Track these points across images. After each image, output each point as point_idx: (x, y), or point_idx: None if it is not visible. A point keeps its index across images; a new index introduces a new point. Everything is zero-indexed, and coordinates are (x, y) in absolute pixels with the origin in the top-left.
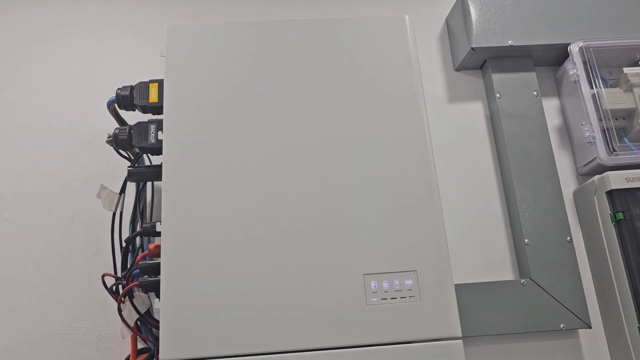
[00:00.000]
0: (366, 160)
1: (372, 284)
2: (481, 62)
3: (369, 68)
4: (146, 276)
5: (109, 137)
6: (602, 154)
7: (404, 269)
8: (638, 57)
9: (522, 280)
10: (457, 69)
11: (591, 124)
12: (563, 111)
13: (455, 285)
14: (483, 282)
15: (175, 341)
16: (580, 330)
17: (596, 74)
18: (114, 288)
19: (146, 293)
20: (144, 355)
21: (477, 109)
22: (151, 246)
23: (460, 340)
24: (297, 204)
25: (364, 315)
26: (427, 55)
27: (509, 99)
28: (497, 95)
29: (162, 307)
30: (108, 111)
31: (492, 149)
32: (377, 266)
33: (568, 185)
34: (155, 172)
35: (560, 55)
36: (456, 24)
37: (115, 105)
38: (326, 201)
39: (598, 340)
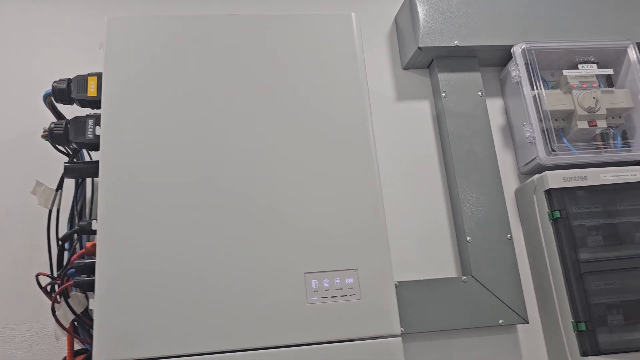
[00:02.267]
0: (308, 158)
1: (313, 282)
2: (428, 62)
3: (313, 65)
4: (83, 275)
5: (44, 131)
6: (541, 154)
7: (345, 268)
8: (577, 59)
9: (464, 277)
10: (405, 68)
11: (532, 124)
12: (507, 111)
13: (398, 282)
14: (425, 279)
15: (110, 342)
16: (518, 326)
17: (537, 75)
18: (48, 288)
19: (84, 293)
20: (81, 357)
21: (424, 108)
22: (88, 244)
23: (400, 338)
24: (237, 202)
25: (305, 314)
26: (376, 53)
27: (454, 99)
28: (443, 94)
29: (96, 307)
30: (45, 105)
31: (437, 148)
32: (318, 265)
33: (510, 184)
34: (94, 168)
35: (504, 56)
36: (404, 23)
37: (52, 98)
38: (267, 199)
39: (535, 335)
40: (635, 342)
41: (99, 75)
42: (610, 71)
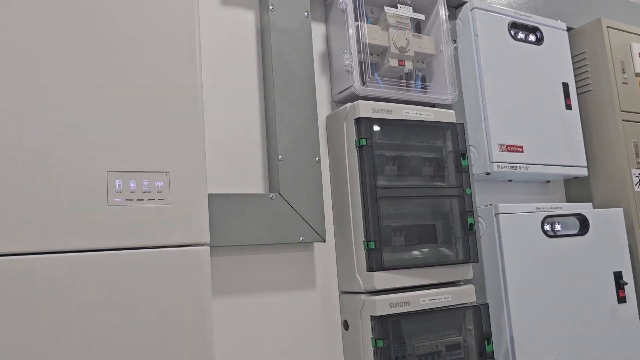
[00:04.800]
0: (125, 55)
1: (117, 182)
2: None
3: None
4: None
5: None
6: (356, 84)
7: (156, 170)
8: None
9: (271, 195)
10: None
11: (351, 54)
12: (328, 38)
13: (211, 194)
14: (233, 194)
15: None
16: (315, 244)
17: (362, 7)
18: None
19: None
20: None
21: (249, 19)
22: None
23: (208, 247)
24: (35, 90)
25: (105, 216)
26: None
27: (281, 14)
28: (271, 7)
29: None
30: None
31: (258, 62)
32: (125, 163)
33: (323, 109)
34: None
35: None
36: None
37: None
38: (77, 87)
39: (329, 253)
40: (410, 260)
41: None
42: (422, 17)
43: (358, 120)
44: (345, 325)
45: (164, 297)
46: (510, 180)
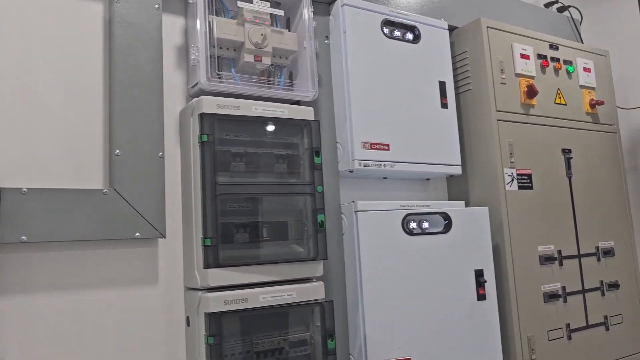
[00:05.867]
0: None
1: None
2: None
3: None
4: None
5: None
6: (202, 79)
7: None
8: None
9: (105, 190)
10: None
11: (198, 48)
12: (186, 32)
13: (33, 189)
14: (62, 189)
15: None
16: (159, 240)
17: (213, 1)
18: None
19: None
20: None
21: (97, 10)
22: None
23: None
24: None
25: None
26: None
27: (127, 6)
28: None
29: None
30: None
31: (104, 55)
32: None
33: (178, 104)
34: None
35: None
36: None
37: None
38: None
39: (175, 249)
40: (250, 258)
41: None
42: (280, 12)
43: (201, 116)
44: (187, 321)
45: None
46: (385, 178)
